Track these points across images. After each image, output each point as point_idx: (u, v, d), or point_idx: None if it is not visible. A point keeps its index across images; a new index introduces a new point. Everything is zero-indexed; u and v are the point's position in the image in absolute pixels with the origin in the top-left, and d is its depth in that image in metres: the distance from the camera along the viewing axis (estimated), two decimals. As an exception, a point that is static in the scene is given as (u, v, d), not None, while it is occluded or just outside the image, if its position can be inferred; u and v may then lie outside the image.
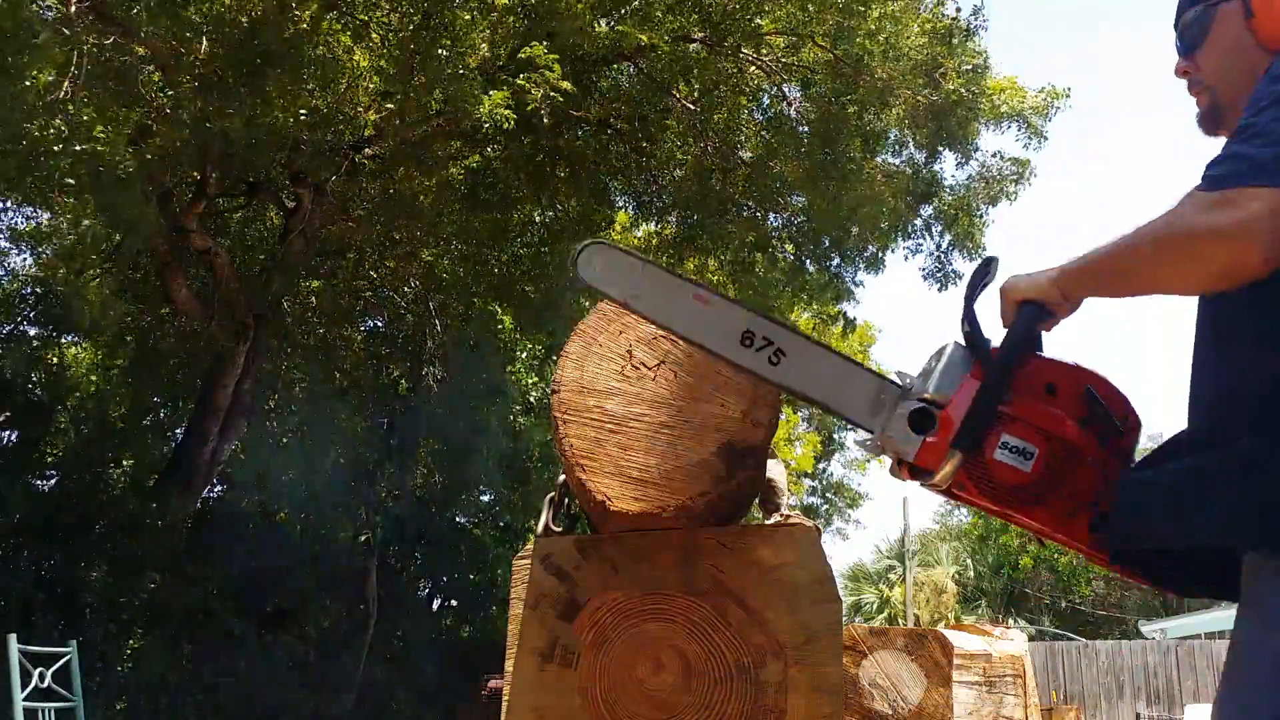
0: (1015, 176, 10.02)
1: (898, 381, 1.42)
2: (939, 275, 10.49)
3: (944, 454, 1.32)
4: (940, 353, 1.39)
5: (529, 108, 7.15)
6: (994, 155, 10.12)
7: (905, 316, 58.63)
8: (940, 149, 9.66)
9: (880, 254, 10.46)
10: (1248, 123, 1.17)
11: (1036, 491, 1.31)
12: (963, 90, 8.71)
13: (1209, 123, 1.37)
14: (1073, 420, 1.32)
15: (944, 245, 10.40)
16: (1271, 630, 1.08)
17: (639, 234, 11.85)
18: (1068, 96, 9.72)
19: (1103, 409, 1.32)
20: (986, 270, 1.42)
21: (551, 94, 7.14)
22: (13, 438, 10.25)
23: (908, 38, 8.57)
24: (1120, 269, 1.28)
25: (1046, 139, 9.75)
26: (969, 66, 8.85)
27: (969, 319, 1.38)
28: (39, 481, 10.35)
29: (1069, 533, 1.33)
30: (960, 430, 1.31)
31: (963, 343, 1.38)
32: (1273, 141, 1.13)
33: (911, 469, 1.38)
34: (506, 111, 6.98)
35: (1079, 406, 1.32)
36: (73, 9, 6.13)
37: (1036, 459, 1.30)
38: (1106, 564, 1.37)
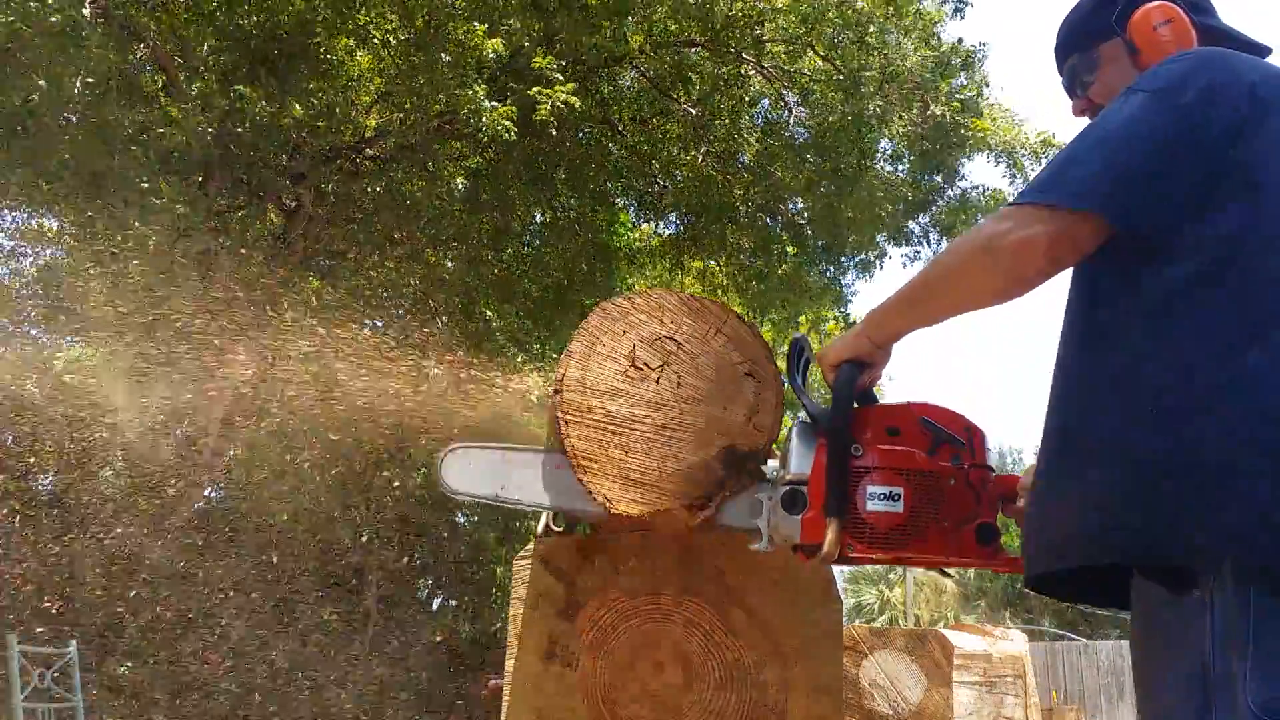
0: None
1: (766, 477, 1.50)
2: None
3: (822, 524, 1.37)
4: (789, 435, 1.48)
5: (536, 117, 7.13)
6: (975, 188, 9.94)
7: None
8: (935, 165, 9.56)
9: (875, 261, 10.45)
10: (1069, 147, 1.27)
11: (917, 525, 1.38)
12: (950, 119, 8.61)
13: None
14: (921, 452, 1.40)
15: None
16: (1178, 653, 1.12)
17: (639, 234, 11.85)
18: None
19: (943, 432, 1.41)
20: (797, 349, 1.53)
21: (559, 105, 7.11)
22: (12, 438, 10.25)
23: (905, 56, 8.50)
24: (921, 295, 1.36)
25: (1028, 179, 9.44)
26: (960, 98, 8.73)
27: (800, 397, 1.48)
28: (38, 481, 10.35)
29: (962, 552, 1.40)
30: (826, 498, 1.37)
31: (805, 419, 1.47)
32: (1069, 163, 1.24)
33: (804, 549, 1.43)
34: (508, 123, 6.97)
35: (922, 438, 1.40)
36: (87, 10, 6.13)
37: (905, 497, 1.38)
38: (1009, 571, 1.44)
